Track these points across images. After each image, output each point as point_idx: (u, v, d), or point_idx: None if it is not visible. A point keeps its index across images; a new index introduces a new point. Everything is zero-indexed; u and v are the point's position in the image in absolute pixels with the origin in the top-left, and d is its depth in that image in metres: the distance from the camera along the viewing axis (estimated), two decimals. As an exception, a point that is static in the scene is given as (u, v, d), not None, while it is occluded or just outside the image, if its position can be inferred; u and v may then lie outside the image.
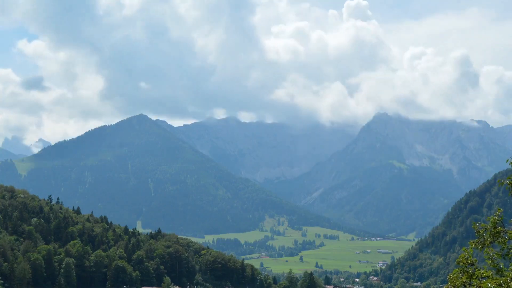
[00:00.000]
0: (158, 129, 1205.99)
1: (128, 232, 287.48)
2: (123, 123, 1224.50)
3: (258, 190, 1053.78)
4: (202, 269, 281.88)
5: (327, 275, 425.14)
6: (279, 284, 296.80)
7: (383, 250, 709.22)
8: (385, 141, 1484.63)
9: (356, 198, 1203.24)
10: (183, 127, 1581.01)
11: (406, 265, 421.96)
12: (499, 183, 30.18)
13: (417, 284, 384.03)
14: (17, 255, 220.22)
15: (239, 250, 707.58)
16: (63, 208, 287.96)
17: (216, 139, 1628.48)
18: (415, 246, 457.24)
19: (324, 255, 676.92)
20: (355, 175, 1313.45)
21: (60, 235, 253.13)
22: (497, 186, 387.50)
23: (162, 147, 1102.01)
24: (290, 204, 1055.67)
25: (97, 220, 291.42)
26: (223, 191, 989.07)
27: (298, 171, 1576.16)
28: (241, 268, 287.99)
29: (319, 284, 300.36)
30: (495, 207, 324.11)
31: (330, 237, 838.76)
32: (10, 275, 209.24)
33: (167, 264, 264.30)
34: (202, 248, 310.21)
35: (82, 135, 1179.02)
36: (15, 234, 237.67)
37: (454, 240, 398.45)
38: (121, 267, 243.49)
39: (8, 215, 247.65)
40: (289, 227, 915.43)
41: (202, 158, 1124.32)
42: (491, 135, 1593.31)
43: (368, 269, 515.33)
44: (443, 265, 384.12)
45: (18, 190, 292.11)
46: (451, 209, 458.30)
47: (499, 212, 29.42)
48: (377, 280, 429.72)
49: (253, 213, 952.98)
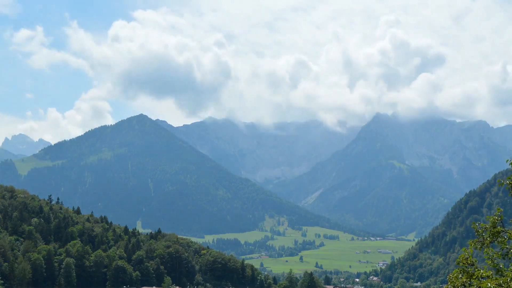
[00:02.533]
0: (158, 129, 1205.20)
1: (128, 232, 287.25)
2: (123, 123, 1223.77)
3: (258, 190, 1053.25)
4: (202, 269, 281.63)
5: (327, 275, 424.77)
6: (279, 284, 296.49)
7: (383, 250, 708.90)
8: (385, 141, 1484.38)
9: (356, 198, 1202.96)
10: (183, 127, 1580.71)
11: (406, 265, 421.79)
12: (499, 183, 30.18)
13: (417, 284, 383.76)
14: (17, 255, 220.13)
15: (239, 250, 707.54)
16: (63, 208, 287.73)
17: (216, 139, 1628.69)
18: (415, 246, 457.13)
19: (324, 255, 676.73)
20: (355, 175, 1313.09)
21: (60, 235, 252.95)
22: (497, 186, 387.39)
23: (162, 147, 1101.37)
24: (290, 204, 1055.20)
25: (97, 220, 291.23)
26: (223, 191, 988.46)
27: (298, 171, 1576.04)
28: (241, 268, 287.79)
29: (319, 284, 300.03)
30: (495, 207, 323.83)
31: (330, 237, 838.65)
32: (10, 275, 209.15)
33: (167, 264, 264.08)
34: (202, 248, 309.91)
35: (82, 135, 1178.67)
36: (15, 234, 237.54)
37: (454, 240, 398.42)
38: (121, 267, 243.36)
39: (8, 215, 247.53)
40: (289, 227, 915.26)
41: (202, 158, 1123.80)
42: (491, 135, 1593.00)
43: (368, 269, 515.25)
44: (443, 265, 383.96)
45: (18, 190, 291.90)
46: (451, 209, 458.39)
47: (498, 212, 29.42)
48: (377, 280, 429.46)
49: (253, 213, 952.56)
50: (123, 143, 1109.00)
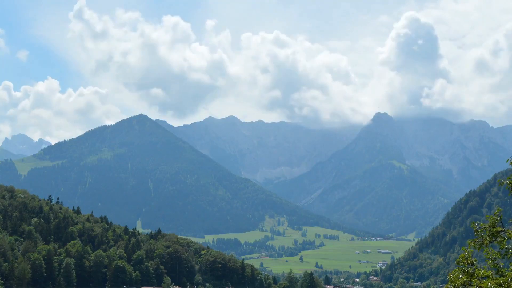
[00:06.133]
0: (158, 129, 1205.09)
1: (128, 232, 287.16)
2: (123, 123, 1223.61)
3: (258, 190, 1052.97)
4: (202, 269, 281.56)
5: (327, 275, 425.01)
6: (279, 284, 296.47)
7: (383, 250, 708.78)
8: (385, 141, 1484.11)
9: (356, 198, 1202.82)
10: (183, 127, 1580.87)
11: (406, 265, 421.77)
12: (499, 183, 30.19)
13: (417, 284, 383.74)
14: (17, 255, 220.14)
15: (239, 250, 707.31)
16: (63, 208, 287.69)
17: (216, 139, 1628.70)
18: (415, 246, 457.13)
19: (324, 255, 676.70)
20: (355, 175, 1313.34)
21: (60, 235, 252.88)
22: (497, 186, 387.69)
23: (162, 147, 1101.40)
24: (290, 204, 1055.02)
25: (97, 220, 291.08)
26: (223, 191, 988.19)
27: (298, 171, 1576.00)
28: (241, 268, 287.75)
29: (319, 284, 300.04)
30: (495, 207, 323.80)
31: (330, 237, 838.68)
32: (10, 275, 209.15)
33: (167, 264, 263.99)
34: (202, 248, 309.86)
35: (82, 135, 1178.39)
36: (15, 234, 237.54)
37: (454, 240, 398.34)
38: (121, 267, 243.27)
39: (8, 215, 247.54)
40: (289, 227, 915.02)
41: (202, 158, 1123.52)
42: (491, 135, 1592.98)
43: (368, 269, 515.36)
44: (443, 265, 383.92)
45: (18, 190, 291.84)
46: (451, 209, 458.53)
47: (498, 212, 29.41)
48: (377, 280, 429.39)
49: (253, 213, 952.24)
50: (123, 143, 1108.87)
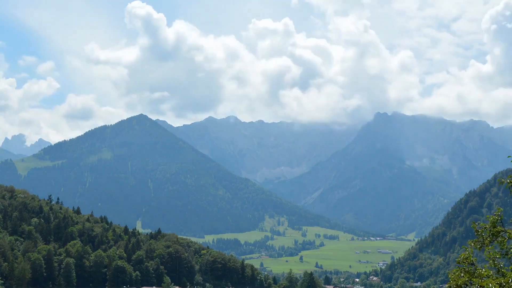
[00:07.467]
0: (158, 129, 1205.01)
1: (128, 232, 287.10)
2: (123, 123, 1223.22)
3: (258, 190, 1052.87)
4: (202, 269, 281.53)
5: (327, 275, 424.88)
6: (279, 284, 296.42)
7: (383, 250, 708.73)
8: (385, 141, 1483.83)
9: (356, 198, 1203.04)
10: (183, 127, 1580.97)
11: (406, 265, 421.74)
12: (499, 182, 30.13)
13: (417, 284, 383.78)
14: (17, 255, 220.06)
15: (239, 250, 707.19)
16: (63, 208, 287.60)
17: (216, 139, 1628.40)
18: (415, 246, 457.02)
19: (324, 255, 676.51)
20: (355, 175, 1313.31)
21: (60, 235, 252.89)
22: (497, 186, 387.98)
23: (162, 147, 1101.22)
24: (290, 204, 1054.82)
25: (97, 220, 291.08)
26: (223, 191, 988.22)
27: (298, 171, 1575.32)
28: (241, 268, 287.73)
29: (319, 284, 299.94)
30: (495, 207, 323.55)
31: (330, 237, 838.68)
32: (10, 275, 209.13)
33: (167, 264, 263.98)
34: (202, 248, 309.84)
35: (82, 135, 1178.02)
36: (15, 234, 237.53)
37: (454, 240, 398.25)
38: (121, 267, 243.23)
39: (8, 215, 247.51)
40: (289, 227, 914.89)
41: (202, 158, 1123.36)
42: (491, 135, 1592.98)
43: (368, 269, 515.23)
44: (443, 265, 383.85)
45: (18, 190, 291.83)
46: (451, 209, 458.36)
47: (498, 212, 29.36)
48: (377, 280, 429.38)
49: (253, 213, 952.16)
50: (123, 143, 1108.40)
